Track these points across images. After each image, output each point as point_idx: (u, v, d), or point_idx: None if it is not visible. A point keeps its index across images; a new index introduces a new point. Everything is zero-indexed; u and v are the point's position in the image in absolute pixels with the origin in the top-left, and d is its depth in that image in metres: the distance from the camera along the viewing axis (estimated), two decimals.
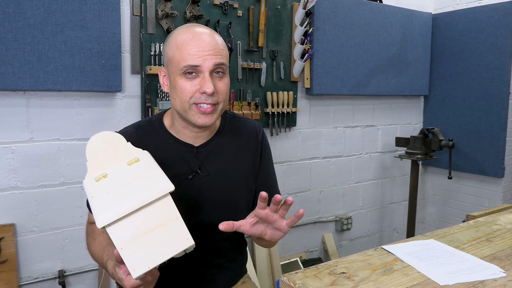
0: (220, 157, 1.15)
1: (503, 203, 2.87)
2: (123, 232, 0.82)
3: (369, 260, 0.92)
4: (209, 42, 1.02)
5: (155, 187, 0.85)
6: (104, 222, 0.81)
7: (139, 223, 0.83)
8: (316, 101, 2.70)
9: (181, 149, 1.12)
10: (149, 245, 0.82)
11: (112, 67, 1.89)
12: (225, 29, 2.22)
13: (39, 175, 1.85)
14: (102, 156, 0.96)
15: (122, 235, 0.81)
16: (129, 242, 0.81)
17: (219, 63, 1.02)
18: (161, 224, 0.84)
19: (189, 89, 1.02)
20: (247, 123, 1.25)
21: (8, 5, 1.65)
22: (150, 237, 0.82)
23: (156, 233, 0.83)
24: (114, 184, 0.89)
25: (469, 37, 2.95)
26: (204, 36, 1.02)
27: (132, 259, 0.80)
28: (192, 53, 1.00)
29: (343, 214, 2.93)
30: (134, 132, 1.14)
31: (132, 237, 0.81)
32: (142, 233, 0.82)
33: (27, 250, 1.85)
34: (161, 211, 0.84)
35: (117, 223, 0.82)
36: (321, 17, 2.53)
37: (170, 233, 0.83)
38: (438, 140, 2.72)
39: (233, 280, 1.25)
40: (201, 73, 1.01)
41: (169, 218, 0.84)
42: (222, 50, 1.04)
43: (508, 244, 1.02)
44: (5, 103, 1.76)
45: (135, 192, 0.85)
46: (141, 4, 1.97)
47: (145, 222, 0.83)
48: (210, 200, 1.12)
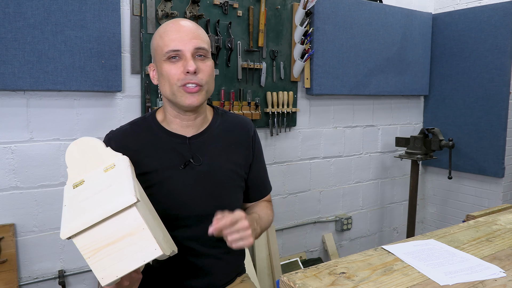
0: (212, 149, 1.19)
1: (503, 203, 2.87)
2: (88, 242, 0.83)
3: (369, 260, 0.92)
4: (189, 28, 1.11)
5: (119, 199, 0.84)
6: (67, 233, 0.82)
7: (104, 234, 0.83)
8: (316, 101, 2.70)
9: (173, 140, 1.17)
10: (116, 255, 0.83)
11: (112, 67, 1.89)
12: (225, 29, 2.22)
13: (39, 175, 1.85)
14: (82, 162, 0.96)
15: (87, 245, 0.83)
16: (95, 252, 0.82)
17: (199, 47, 1.09)
18: (128, 235, 0.84)
19: (174, 72, 1.08)
20: (239, 119, 1.30)
21: (8, 5, 1.65)
22: (117, 247, 0.83)
23: (123, 243, 0.83)
24: (89, 191, 0.90)
25: (469, 37, 2.94)
26: (184, 24, 1.11)
27: (100, 268, 0.82)
28: (173, 39, 1.08)
29: (343, 214, 2.93)
30: (129, 128, 1.19)
31: (98, 247, 0.83)
32: (108, 244, 0.83)
33: (27, 250, 1.85)
34: (127, 222, 0.84)
35: (82, 234, 0.83)
36: (321, 17, 2.53)
37: (138, 244, 0.84)
38: (438, 140, 2.72)
39: (229, 274, 1.25)
40: (184, 55, 1.08)
41: (136, 229, 0.84)
42: (203, 36, 1.12)
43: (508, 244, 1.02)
44: (5, 103, 1.76)
45: (102, 203, 0.85)
46: (141, 4, 1.97)
47: (111, 233, 0.84)
48: (204, 190, 1.15)
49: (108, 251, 0.83)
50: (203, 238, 1.16)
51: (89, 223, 0.82)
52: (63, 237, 0.82)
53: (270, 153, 2.52)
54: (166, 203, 1.12)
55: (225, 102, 2.24)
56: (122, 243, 0.83)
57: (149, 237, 0.84)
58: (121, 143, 1.15)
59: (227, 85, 2.26)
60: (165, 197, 1.12)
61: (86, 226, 0.82)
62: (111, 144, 1.16)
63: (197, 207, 1.14)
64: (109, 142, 1.17)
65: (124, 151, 1.14)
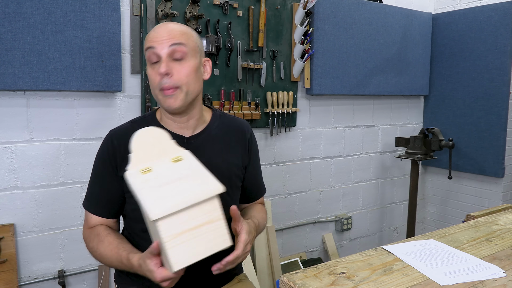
0: (210, 150, 1.19)
1: (503, 203, 2.87)
2: (171, 226, 0.85)
3: (369, 260, 0.92)
4: (168, 28, 1.10)
5: (206, 188, 0.89)
6: (158, 215, 0.83)
7: (186, 219, 0.86)
8: (316, 101, 2.70)
9: None
10: (192, 242, 0.86)
11: (112, 67, 1.89)
12: (225, 29, 2.22)
13: (39, 175, 1.85)
14: (147, 150, 0.98)
15: (170, 229, 0.85)
16: (176, 236, 0.84)
17: (173, 44, 1.07)
18: (206, 223, 0.88)
19: (154, 76, 1.09)
20: (236, 121, 1.30)
21: (8, 5, 1.65)
22: (195, 234, 0.86)
23: (200, 231, 0.87)
24: (161, 179, 0.93)
25: (469, 37, 2.94)
26: (166, 25, 1.11)
27: (176, 253, 0.84)
28: (150, 39, 1.10)
29: (343, 214, 2.93)
30: (130, 126, 1.20)
31: (179, 232, 0.85)
32: (188, 229, 0.86)
33: (27, 250, 1.85)
34: (208, 210, 0.88)
35: (168, 217, 0.84)
36: (321, 17, 2.53)
37: (213, 233, 0.88)
38: (438, 140, 2.72)
39: (227, 273, 1.25)
40: (160, 58, 1.08)
41: (214, 218, 0.89)
42: (180, 34, 1.10)
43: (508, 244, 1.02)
44: (5, 103, 1.76)
45: (186, 190, 0.88)
46: (141, 4, 1.97)
47: (193, 219, 0.87)
48: None
49: (186, 237, 0.85)
50: None
51: (178, 207, 0.85)
52: (154, 218, 0.82)
53: (270, 153, 2.52)
54: None
55: (225, 102, 2.24)
56: (199, 230, 0.86)
57: (222, 228, 0.89)
58: (123, 140, 1.16)
59: (227, 85, 2.26)
60: None
61: (175, 210, 0.84)
62: (113, 142, 1.16)
63: None
64: (110, 140, 1.17)
65: (124, 149, 1.14)
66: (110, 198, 1.18)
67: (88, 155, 1.93)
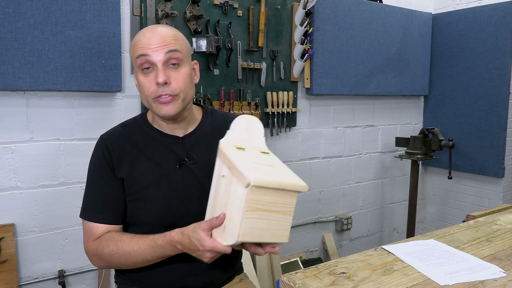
0: (205, 147, 1.19)
1: (503, 203, 2.87)
2: (257, 198, 0.86)
3: (369, 260, 0.92)
4: (159, 34, 1.06)
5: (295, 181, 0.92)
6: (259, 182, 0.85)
7: (269, 200, 0.88)
8: (316, 101, 2.70)
9: (167, 141, 1.17)
10: (264, 223, 0.88)
11: (112, 67, 1.89)
12: (225, 29, 2.22)
13: (39, 175, 1.85)
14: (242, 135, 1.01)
15: (255, 201, 0.86)
16: (255, 210, 0.87)
17: (169, 51, 1.05)
18: (280, 213, 0.91)
19: (148, 84, 1.07)
20: (228, 116, 1.28)
21: (8, 5, 1.65)
22: (268, 217, 0.89)
23: (273, 217, 0.90)
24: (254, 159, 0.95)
25: (469, 37, 2.94)
26: (155, 30, 1.07)
27: (248, 225, 0.86)
28: (142, 45, 1.05)
29: (343, 214, 2.93)
30: (122, 129, 1.19)
31: (260, 207, 0.87)
32: (266, 210, 0.88)
33: (27, 250, 1.85)
34: (286, 202, 0.91)
35: (259, 189, 0.86)
36: (321, 17, 2.53)
37: (280, 224, 0.91)
38: (438, 140, 2.72)
39: (227, 273, 1.25)
40: (155, 65, 1.06)
41: (287, 212, 0.92)
42: (174, 40, 1.07)
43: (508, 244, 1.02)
44: (5, 103, 1.76)
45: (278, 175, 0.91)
46: (141, 4, 1.97)
47: (273, 203, 0.89)
48: (200, 187, 1.14)
49: (261, 215, 0.88)
50: None
51: (271, 185, 0.87)
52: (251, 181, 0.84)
53: None
54: (165, 202, 1.13)
55: (225, 102, 2.24)
56: (272, 216, 0.89)
57: (288, 224, 0.93)
58: (116, 144, 1.15)
59: (227, 85, 2.26)
60: (162, 197, 1.13)
61: (268, 185, 0.86)
62: (107, 145, 1.14)
63: (194, 204, 1.14)
64: (104, 144, 1.15)
65: (119, 152, 1.14)
66: (115, 202, 1.14)
67: (88, 155, 1.91)
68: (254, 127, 1.04)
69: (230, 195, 0.91)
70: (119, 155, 1.14)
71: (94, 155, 1.18)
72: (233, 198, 0.90)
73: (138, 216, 1.14)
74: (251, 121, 1.03)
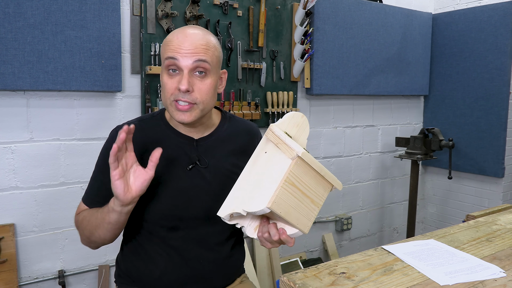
0: (219, 152, 1.18)
1: (503, 203, 2.87)
2: (299, 176, 0.90)
3: (369, 260, 0.92)
4: (192, 40, 1.04)
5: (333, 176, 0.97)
6: (304, 156, 0.89)
7: (306, 182, 0.92)
8: (316, 101, 2.70)
9: (181, 141, 1.16)
10: (294, 201, 0.90)
11: (112, 67, 1.89)
12: (225, 29, 2.22)
13: (39, 175, 1.85)
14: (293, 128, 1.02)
15: (296, 176, 0.90)
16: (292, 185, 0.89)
17: (198, 60, 1.04)
18: (311, 200, 0.94)
19: (170, 85, 1.06)
20: (246, 124, 1.28)
21: (8, 5, 1.65)
22: (300, 199, 0.91)
23: (304, 200, 0.92)
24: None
25: (469, 37, 2.94)
26: (189, 34, 1.05)
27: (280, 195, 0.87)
28: (173, 48, 1.04)
29: (343, 214, 2.93)
30: (138, 124, 1.17)
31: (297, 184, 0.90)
32: (302, 191, 0.91)
33: (27, 250, 1.85)
34: (319, 193, 0.95)
35: (303, 165, 0.90)
36: (321, 17, 2.53)
37: (307, 211, 0.93)
38: (438, 140, 2.72)
39: (230, 277, 1.25)
40: (181, 70, 1.04)
41: (316, 202, 0.95)
42: (206, 49, 1.05)
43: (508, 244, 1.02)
44: (5, 103, 1.76)
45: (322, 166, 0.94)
46: (141, 4, 1.97)
47: (308, 187, 0.93)
48: (209, 192, 1.14)
49: (296, 193, 0.90)
50: (206, 240, 1.16)
51: (317, 168, 0.92)
52: (301, 154, 0.88)
53: None
54: (170, 203, 1.12)
55: (225, 102, 2.24)
56: (305, 199, 0.92)
57: (314, 215, 0.95)
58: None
59: (227, 85, 2.26)
60: (171, 197, 1.12)
61: (315, 167, 0.91)
62: None
63: (202, 209, 1.13)
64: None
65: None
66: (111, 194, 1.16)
67: (88, 155, 1.93)
68: (305, 128, 1.05)
69: (269, 167, 0.93)
70: None
71: (107, 143, 1.17)
72: (271, 170, 0.92)
73: (142, 213, 1.13)
74: (304, 121, 1.05)
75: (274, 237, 0.94)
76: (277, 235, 0.94)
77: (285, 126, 1.00)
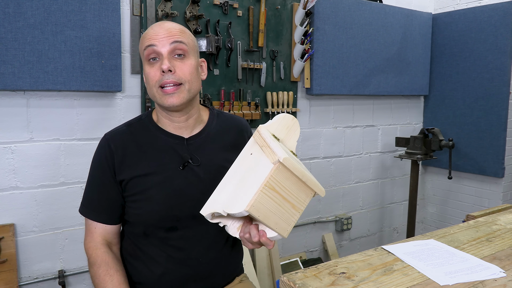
0: (210, 149, 1.18)
1: (503, 203, 2.87)
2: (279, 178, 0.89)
3: (369, 260, 0.92)
4: (166, 27, 1.10)
5: (316, 182, 0.96)
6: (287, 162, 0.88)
7: (287, 187, 0.91)
8: (316, 101, 2.70)
9: (172, 141, 1.16)
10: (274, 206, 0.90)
11: (112, 67, 1.89)
12: (225, 29, 2.22)
13: (39, 175, 1.85)
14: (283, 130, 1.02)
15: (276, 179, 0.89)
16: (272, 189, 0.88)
17: (175, 41, 1.08)
18: (291, 205, 0.93)
19: (153, 73, 1.08)
20: (234, 119, 1.29)
21: (8, 5, 1.65)
22: (280, 203, 0.91)
23: (284, 205, 0.92)
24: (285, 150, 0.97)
25: (469, 37, 2.94)
26: (162, 24, 1.11)
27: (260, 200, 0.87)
28: (149, 37, 1.09)
29: (343, 214, 2.93)
30: (126, 129, 1.18)
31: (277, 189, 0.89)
32: (281, 195, 0.91)
33: (27, 250, 1.85)
34: (301, 198, 0.95)
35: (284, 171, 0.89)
36: (321, 17, 2.53)
37: (286, 216, 0.93)
38: (438, 140, 2.72)
39: (229, 275, 1.25)
40: (160, 55, 1.08)
41: (297, 207, 0.95)
42: (180, 33, 1.10)
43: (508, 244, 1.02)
44: (5, 103, 1.76)
45: (305, 171, 0.94)
46: (141, 4, 1.97)
47: (289, 192, 0.92)
48: (203, 190, 1.13)
49: (276, 198, 0.89)
50: (205, 239, 1.16)
51: (299, 174, 0.91)
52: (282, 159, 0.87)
53: None
54: (166, 204, 1.12)
55: (225, 102, 2.24)
56: (285, 204, 0.92)
57: (294, 220, 0.95)
58: (120, 145, 1.14)
59: (227, 85, 2.26)
60: (165, 198, 1.12)
61: (297, 173, 0.90)
62: (110, 146, 1.14)
63: (198, 206, 1.13)
64: (107, 145, 1.14)
65: (122, 153, 1.13)
66: (110, 203, 1.15)
67: (88, 155, 1.93)
68: (295, 130, 1.05)
69: (252, 169, 0.93)
70: (122, 157, 1.13)
71: (96, 154, 1.17)
72: (254, 173, 0.92)
73: (140, 216, 1.14)
74: (295, 124, 1.05)
75: (254, 239, 0.94)
76: (257, 236, 0.94)
77: (274, 128, 1.00)
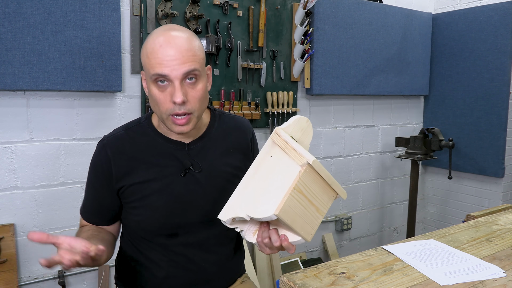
0: (211, 153, 1.15)
1: (503, 203, 2.87)
2: (306, 183, 0.90)
3: (369, 260, 0.92)
4: (178, 49, 0.98)
5: (339, 186, 0.96)
6: (316, 165, 0.89)
7: (313, 190, 0.92)
8: (316, 101, 2.70)
9: (172, 147, 1.12)
10: (300, 209, 0.90)
11: (112, 67, 1.89)
12: (225, 29, 2.22)
13: (39, 175, 1.85)
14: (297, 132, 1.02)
15: (303, 183, 0.89)
16: (299, 192, 0.89)
17: (188, 71, 0.99)
18: (315, 208, 0.93)
19: (163, 100, 1.01)
20: (236, 120, 1.25)
21: (8, 5, 1.65)
22: (306, 206, 0.91)
23: (309, 208, 0.92)
24: None
25: (469, 37, 2.94)
26: (173, 43, 0.99)
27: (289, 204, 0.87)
28: (160, 62, 0.98)
29: (343, 214, 2.93)
30: (124, 133, 1.14)
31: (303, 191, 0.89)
32: (307, 199, 0.91)
33: (27, 250, 1.85)
34: (324, 201, 0.95)
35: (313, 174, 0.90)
36: (321, 17, 2.53)
37: (312, 219, 0.93)
38: (438, 140, 2.72)
39: (231, 278, 1.25)
40: (171, 81, 0.99)
41: (321, 210, 0.95)
42: (193, 56, 1.00)
43: (508, 244, 1.02)
44: (5, 103, 1.76)
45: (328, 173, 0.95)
46: (141, 4, 1.97)
47: (314, 195, 0.93)
48: (205, 195, 1.12)
49: (303, 201, 0.89)
50: (207, 244, 1.15)
51: (325, 176, 0.92)
52: (311, 162, 0.87)
53: None
54: (167, 210, 1.10)
55: (225, 102, 2.24)
56: (311, 208, 0.92)
57: (317, 224, 0.95)
58: (117, 149, 1.10)
59: (227, 85, 2.26)
60: (166, 204, 1.10)
61: (323, 175, 0.91)
62: (107, 153, 1.10)
63: (199, 213, 1.12)
64: (104, 151, 1.11)
65: (119, 159, 1.09)
66: (100, 209, 1.15)
67: (88, 155, 1.93)
68: (309, 132, 1.04)
69: (275, 172, 0.92)
70: (119, 163, 1.10)
71: (93, 159, 1.14)
72: (278, 175, 0.91)
73: (139, 223, 1.11)
74: (309, 126, 1.04)
75: (275, 243, 0.92)
76: (278, 241, 0.91)
77: (290, 130, 0.98)
